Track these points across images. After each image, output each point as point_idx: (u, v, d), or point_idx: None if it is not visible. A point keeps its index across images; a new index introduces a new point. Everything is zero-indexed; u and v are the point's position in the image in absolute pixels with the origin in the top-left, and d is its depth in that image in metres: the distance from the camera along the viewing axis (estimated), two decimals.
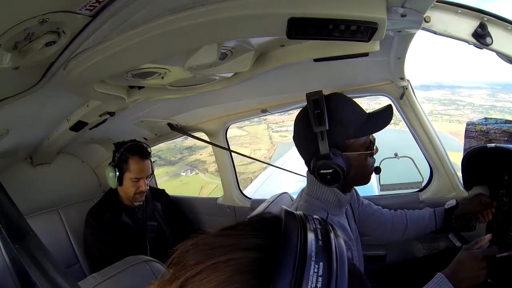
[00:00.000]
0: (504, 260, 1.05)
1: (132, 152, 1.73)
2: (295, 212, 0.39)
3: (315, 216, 0.40)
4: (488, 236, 1.08)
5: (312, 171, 1.04)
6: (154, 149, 2.08)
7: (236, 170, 2.12)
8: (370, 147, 1.07)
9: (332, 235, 0.36)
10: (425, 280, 1.02)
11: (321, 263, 0.32)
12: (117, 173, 1.73)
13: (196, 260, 0.35)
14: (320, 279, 0.31)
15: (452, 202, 1.38)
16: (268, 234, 0.36)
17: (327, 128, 0.98)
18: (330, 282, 0.32)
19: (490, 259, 1.01)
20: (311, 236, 0.34)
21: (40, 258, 0.82)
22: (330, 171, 1.00)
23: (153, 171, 1.85)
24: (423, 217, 1.39)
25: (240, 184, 2.12)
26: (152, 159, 1.86)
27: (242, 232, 0.38)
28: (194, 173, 13.02)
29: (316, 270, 0.32)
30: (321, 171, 1.01)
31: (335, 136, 1.00)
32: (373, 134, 1.09)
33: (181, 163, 13.32)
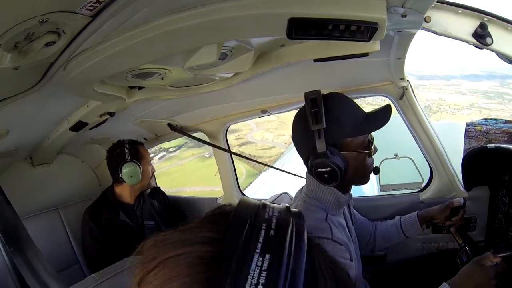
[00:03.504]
0: (505, 260, 1.04)
1: (136, 143, 1.89)
2: (254, 200, 0.37)
3: (283, 204, 0.38)
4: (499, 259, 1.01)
5: (310, 169, 1.04)
6: None
7: (254, 155, 2.11)
8: (369, 146, 1.06)
9: (290, 224, 0.33)
10: (425, 280, 1.02)
11: (267, 256, 0.29)
12: (139, 166, 1.80)
13: (152, 255, 0.35)
14: (263, 273, 0.28)
15: (460, 200, 1.37)
16: (223, 226, 0.35)
17: (324, 126, 0.97)
18: (278, 277, 0.28)
19: (500, 275, 0.98)
20: (260, 225, 0.32)
21: (33, 260, 0.81)
22: (328, 169, 0.99)
23: None
24: (390, 227, 1.42)
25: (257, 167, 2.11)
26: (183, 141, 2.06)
27: (198, 226, 0.37)
28: None
29: (259, 264, 0.29)
30: (319, 170, 1.00)
31: (332, 135, 1.00)
32: (372, 134, 1.08)
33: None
